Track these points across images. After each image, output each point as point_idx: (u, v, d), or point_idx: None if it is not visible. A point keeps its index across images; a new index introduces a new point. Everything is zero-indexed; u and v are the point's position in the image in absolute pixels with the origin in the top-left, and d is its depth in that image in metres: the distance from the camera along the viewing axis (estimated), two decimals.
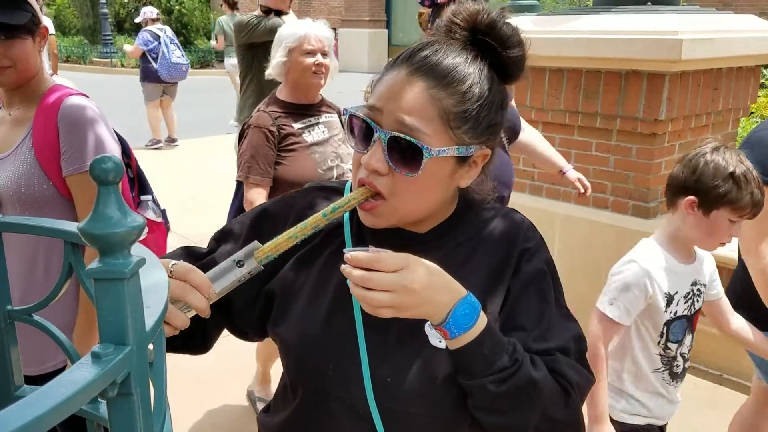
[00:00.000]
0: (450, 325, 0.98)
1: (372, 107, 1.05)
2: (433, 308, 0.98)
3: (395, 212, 1.08)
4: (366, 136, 1.05)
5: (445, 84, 1.03)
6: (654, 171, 3.57)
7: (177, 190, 7.27)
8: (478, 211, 1.21)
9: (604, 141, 3.71)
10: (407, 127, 1.02)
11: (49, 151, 1.83)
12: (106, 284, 0.57)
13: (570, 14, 3.87)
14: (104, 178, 0.56)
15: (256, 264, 0.97)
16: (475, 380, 1.01)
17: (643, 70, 3.42)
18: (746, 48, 3.62)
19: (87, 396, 0.53)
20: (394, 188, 1.05)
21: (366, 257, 0.94)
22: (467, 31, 1.09)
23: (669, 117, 3.45)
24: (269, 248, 0.97)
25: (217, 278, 0.97)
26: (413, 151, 1.02)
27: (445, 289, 0.99)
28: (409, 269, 0.95)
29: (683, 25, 3.30)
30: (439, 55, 1.05)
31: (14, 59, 1.80)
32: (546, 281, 1.17)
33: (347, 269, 0.95)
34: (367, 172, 1.05)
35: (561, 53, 3.67)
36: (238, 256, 0.97)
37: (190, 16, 22.42)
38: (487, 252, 1.16)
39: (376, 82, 1.10)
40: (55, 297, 0.93)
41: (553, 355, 1.09)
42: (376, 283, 0.93)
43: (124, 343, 0.58)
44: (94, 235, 0.56)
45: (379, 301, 0.94)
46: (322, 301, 1.13)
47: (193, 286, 0.95)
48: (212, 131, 10.90)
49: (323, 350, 1.10)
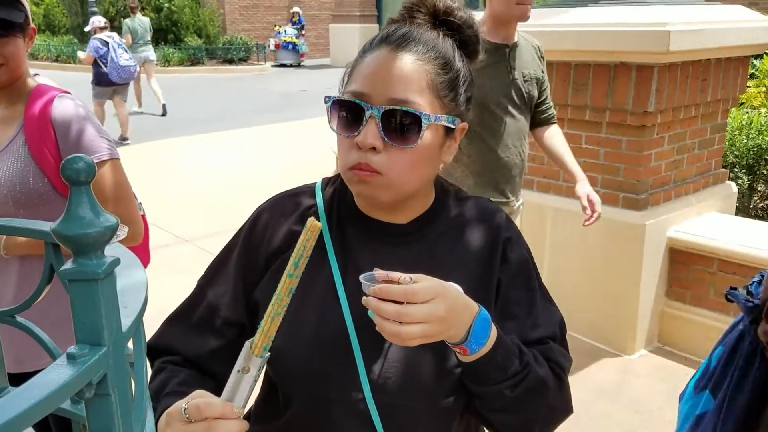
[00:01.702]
0: (471, 343, 0.99)
1: (355, 92, 1.05)
2: (457, 330, 0.98)
3: (390, 187, 1.06)
4: (354, 118, 1.04)
5: (429, 56, 1.06)
6: (644, 163, 3.57)
7: (166, 188, 7.25)
8: (454, 199, 1.22)
9: (593, 133, 3.72)
10: (401, 100, 1.03)
11: (43, 148, 1.83)
12: (80, 285, 0.56)
13: (558, 7, 3.87)
14: (76, 178, 0.55)
15: (259, 360, 0.88)
16: (490, 387, 1.03)
17: (631, 62, 3.42)
18: (735, 38, 3.62)
19: (61, 397, 0.52)
20: (390, 164, 1.04)
21: (401, 291, 0.91)
22: (428, 15, 1.13)
23: (658, 109, 3.45)
24: (260, 339, 0.88)
25: (233, 395, 0.89)
26: (410, 122, 1.03)
27: (464, 309, 0.99)
28: (439, 297, 0.94)
29: (671, 17, 3.31)
30: (416, 32, 1.08)
31: (8, 57, 1.81)
32: (530, 269, 1.21)
33: (374, 303, 0.91)
34: (361, 153, 1.04)
35: (550, 46, 3.66)
36: (239, 365, 0.89)
37: (179, 13, 22.32)
38: (471, 241, 1.17)
39: (352, 71, 1.10)
40: (37, 298, 0.92)
41: (546, 343, 1.15)
42: (411, 318, 0.91)
43: (99, 344, 0.57)
44: (66, 236, 0.55)
45: (413, 335, 0.92)
46: (309, 304, 1.11)
47: (217, 418, 0.86)
48: (202, 128, 10.87)
49: (316, 354, 1.08)
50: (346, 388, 1.07)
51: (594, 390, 3.35)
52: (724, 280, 3.56)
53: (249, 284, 1.17)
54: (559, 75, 3.73)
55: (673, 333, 3.77)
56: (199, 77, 19.54)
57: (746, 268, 3.46)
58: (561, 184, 3.91)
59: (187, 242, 5.66)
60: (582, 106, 3.68)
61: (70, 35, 23.82)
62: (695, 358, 3.65)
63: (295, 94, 15.22)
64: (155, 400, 1.04)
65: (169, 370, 1.13)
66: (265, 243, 1.17)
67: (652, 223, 3.56)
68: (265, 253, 1.16)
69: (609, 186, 3.70)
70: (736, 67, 3.92)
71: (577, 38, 3.53)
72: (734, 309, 3.51)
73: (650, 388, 3.38)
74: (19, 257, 1.87)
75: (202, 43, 22.29)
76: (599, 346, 3.77)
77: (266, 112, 12.64)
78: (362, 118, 1.03)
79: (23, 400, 0.50)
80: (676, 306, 3.76)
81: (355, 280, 1.07)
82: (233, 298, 1.17)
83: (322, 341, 1.08)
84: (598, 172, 3.73)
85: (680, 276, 3.74)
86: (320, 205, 1.18)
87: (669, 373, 3.51)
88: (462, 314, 0.98)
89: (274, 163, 8.36)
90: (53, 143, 1.84)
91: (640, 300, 3.62)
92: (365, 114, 1.03)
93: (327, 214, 1.17)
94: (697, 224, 3.79)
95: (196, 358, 1.16)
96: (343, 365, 1.07)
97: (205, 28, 22.73)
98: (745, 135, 4.56)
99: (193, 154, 9.10)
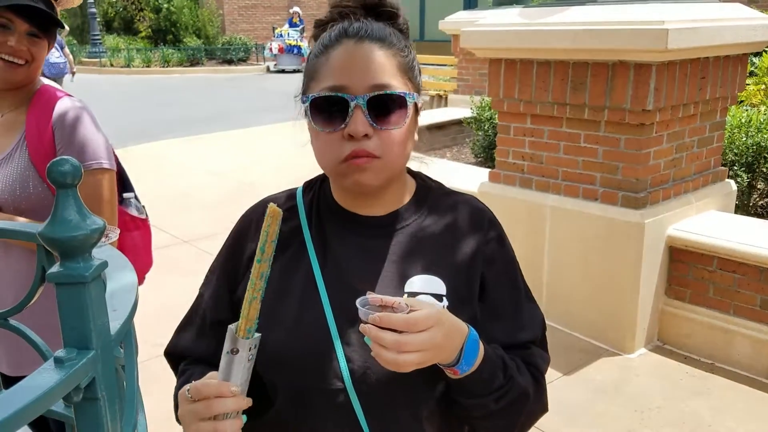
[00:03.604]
0: (462, 365, 1.01)
1: (333, 87, 1.06)
2: (449, 354, 1.00)
3: (386, 168, 1.09)
4: (337, 112, 1.06)
5: (390, 42, 1.10)
6: (642, 161, 3.57)
7: (165, 188, 7.24)
8: (436, 194, 1.24)
9: (592, 132, 3.71)
10: (382, 85, 1.06)
11: (44, 153, 1.83)
12: (68, 288, 0.56)
13: (556, 6, 3.86)
14: (62, 181, 0.55)
15: (246, 341, 0.94)
16: (475, 400, 1.06)
17: (630, 60, 3.41)
18: (733, 36, 3.62)
19: (48, 402, 0.52)
20: (382, 146, 1.07)
21: (402, 321, 0.93)
22: (360, 8, 1.15)
23: (657, 107, 3.44)
24: (243, 323, 0.94)
25: (227, 376, 0.95)
26: (395, 104, 1.07)
27: (456, 333, 1.01)
28: (437, 325, 0.95)
29: (669, 15, 3.30)
30: (367, 24, 1.11)
31: (35, 57, 1.84)
32: (515, 268, 1.23)
33: (374, 332, 0.92)
34: (352, 143, 1.06)
35: (548, 45, 3.67)
36: (227, 348, 0.95)
37: (178, 14, 22.34)
38: (454, 235, 1.19)
39: (315, 71, 1.12)
40: (30, 301, 0.92)
41: (529, 348, 1.18)
42: (411, 347, 0.93)
43: (87, 348, 0.57)
44: (53, 239, 0.55)
45: (410, 363, 0.94)
46: (289, 297, 1.13)
47: (215, 397, 0.94)
48: (201, 129, 10.86)
49: (297, 345, 1.10)
50: (327, 377, 1.08)
51: (593, 389, 3.35)
52: (723, 279, 3.56)
53: (233, 286, 1.21)
54: (558, 74, 3.73)
55: (672, 331, 3.76)
56: (198, 77, 19.54)
57: (746, 266, 3.46)
58: (559, 183, 3.90)
59: (186, 243, 5.66)
60: (580, 105, 3.67)
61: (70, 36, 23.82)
62: (695, 357, 3.64)
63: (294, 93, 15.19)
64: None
65: (191, 370, 1.21)
66: (246, 246, 1.20)
67: (651, 221, 3.56)
68: (246, 255, 1.20)
69: (608, 185, 3.69)
70: (734, 64, 3.91)
71: (575, 37, 3.52)
72: (734, 307, 3.52)
73: (650, 386, 3.37)
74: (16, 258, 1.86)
75: (201, 43, 22.31)
76: (599, 344, 3.77)
77: (265, 113, 12.63)
78: (347, 109, 1.05)
79: (10, 405, 0.49)
80: (675, 304, 3.75)
81: (334, 273, 1.12)
82: (221, 301, 1.22)
83: (301, 330, 1.10)
84: (597, 170, 3.72)
85: (680, 274, 3.73)
86: (300, 202, 1.22)
87: (669, 372, 3.51)
88: (454, 339, 1.00)
89: (274, 164, 8.36)
90: (53, 147, 1.84)
91: (639, 298, 3.61)
92: (350, 105, 1.05)
93: (307, 212, 1.20)
94: (696, 222, 3.78)
95: (207, 358, 1.22)
96: (323, 355, 1.09)
97: (204, 29, 22.75)
98: (745, 133, 4.55)
99: (192, 154, 9.10)
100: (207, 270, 1.29)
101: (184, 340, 1.26)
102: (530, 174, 4.06)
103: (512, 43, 3.85)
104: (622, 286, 3.65)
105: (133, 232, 2.14)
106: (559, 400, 3.19)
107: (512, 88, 3.97)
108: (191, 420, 0.96)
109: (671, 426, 3.06)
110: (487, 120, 6.26)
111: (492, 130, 6.05)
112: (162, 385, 3.20)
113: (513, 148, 4.14)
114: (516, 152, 4.12)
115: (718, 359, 3.58)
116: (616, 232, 3.63)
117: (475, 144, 6.70)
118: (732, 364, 3.53)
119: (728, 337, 3.55)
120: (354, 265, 1.14)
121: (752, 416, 3.12)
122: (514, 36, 3.83)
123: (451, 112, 7.73)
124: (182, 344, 1.26)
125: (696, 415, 3.12)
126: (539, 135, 3.97)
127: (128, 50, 21.24)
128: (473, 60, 8.26)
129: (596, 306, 3.77)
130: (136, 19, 23.76)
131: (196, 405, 0.95)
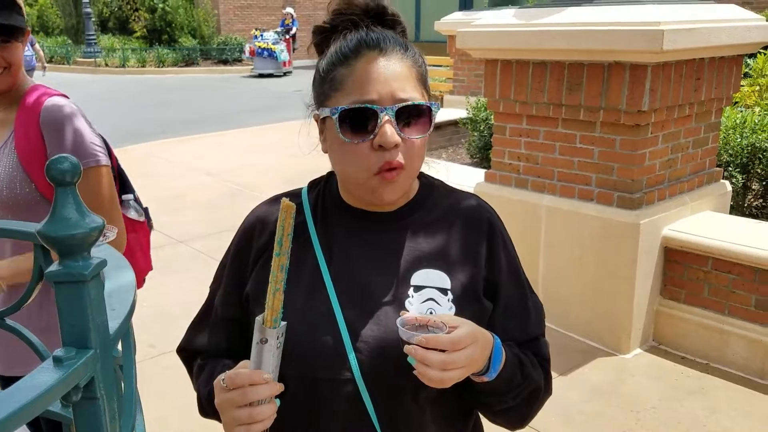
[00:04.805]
0: (490, 373, 1.08)
1: (362, 99, 1.08)
2: (481, 365, 1.06)
3: (408, 178, 1.14)
4: (365, 124, 1.08)
5: (407, 52, 1.14)
6: (638, 162, 3.57)
7: (160, 189, 7.23)
8: (440, 191, 1.27)
9: (588, 133, 3.72)
10: (408, 98, 1.09)
11: (32, 153, 1.81)
12: (67, 287, 0.56)
13: (552, 7, 3.87)
14: (61, 179, 0.55)
15: (274, 330, 1.00)
16: (496, 398, 1.14)
17: (625, 61, 3.42)
18: (728, 37, 3.63)
19: (47, 401, 0.52)
20: (408, 156, 1.11)
21: (448, 341, 0.98)
22: (363, 15, 1.16)
23: (652, 108, 3.45)
24: (269, 313, 0.99)
25: (258, 364, 1.01)
26: (421, 114, 1.11)
27: (487, 345, 1.07)
28: (476, 342, 1.02)
29: (664, 16, 3.30)
30: (383, 33, 1.14)
31: (10, 62, 1.81)
32: (517, 264, 1.27)
33: (421, 353, 0.97)
34: (382, 153, 1.08)
35: (544, 46, 3.67)
36: (256, 338, 1.00)
37: (174, 14, 22.29)
38: (460, 233, 1.22)
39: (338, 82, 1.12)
40: (27, 300, 0.91)
41: (537, 340, 1.26)
42: (456, 365, 0.99)
43: (86, 347, 0.57)
44: (51, 237, 0.55)
45: (454, 379, 1.00)
46: (296, 289, 1.15)
47: (250, 385, 0.99)
48: (196, 129, 10.84)
49: (306, 337, 1.12)
50: (335, 367, 1.11)
51: (589, 389, 3.35)
52: (718, 279, 3.57)
53: (242, 282, 1.23)
54: (553, 75, 3.73)
55: (668, 332, 3.77)
56: (194, 78, 19.51)
57: (741, 266, 3.47)
58: (555, 183, 3.91)
59: (181, 243, 5.65)
60: (576, 106, 3.68)
61: (65, 36, 23.77)
62: (690, 357, 3.65)
63: (289, 95, 15.20)
64: (206, 388, 1.19)
65: (212, 364, 1.25)
66: (254, 243, 1.23)
67: (646, 222, 3.57)
68: (254, 251, 1.23)
69: (603, 185, 3.70)
70: (729, 66, 3.93)
71: (570, 38, 3.53)
72: (729, 307, 3.53)
73: (645, 387, 3.38)
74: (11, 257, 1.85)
75: (197, 43, 22.26)
76: (594, 345, 3.77)
77: (261, 113, 12.63)
78: (376, 121, 1.07)
79: (8, 405, 0.49)
80: (670, 305, 3.76)
81: (340, 266, 1.16)
82: (231, 298, 1.25)
83: (309, 323, 1.12)
84: (593, 171, 3.73)
85: (675, 275, 3.74)
86: (305, 199, 1.25)
87: (664, 372, 3.52)
88: (486, 351, 1.06)
89: (269, 164, 8.35)
90: (41, 148, 1.82)
91: (634, 299, 3.62)
92: (379, 116, 1.07)
93: (312, 209, 1.23)
94: (691, 223, 3.79)
95: (221, 353, 1.27)
96: (331, 346, 1.11)
97: (199, 29, 22.70)
98: (739, 134, 4.56)
99: (187, 154, 9.08)
100: (204, 270, 1.31)
101: (198, 338, 1.31)
102: (526, 174, 4.06)
103: (508, 44, 3.86)
104: (617, 286, 3.65)
105: (130, 234, 2.12)
106: (555, 401, 3.18)
107: (508, 89, 3.98)
108: (228, 407, 1.01)
109: (667, 426, 3.07)
110: (482, 121, 6.27)
111: (488, 130, 6.06)
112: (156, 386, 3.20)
113: (509, 149, 4.14)
114: (512, 153, 4.12)
115: (713, 359, 3.59)
116: (611, 233, 3.64)
117: (471, 145, 6.70)
118: (727, 364, 3.54)
119: (723, 338, 3.56)
120: (359, 259, 1.17)
121: (747, 416, 3.13)
122: (509, 37, 3.83)
123: (446, 113, 7.74)
124: (197, 341, 1.31)
125: (691, 415, 3.13)
126: (535, 136, 3.98)
127: (123, 50, 21.18)
128: (469, 61, 8.27)
129: (592, 306, 3.78)
130: (131, 19, 23.71)
131: (231, 393, 1.00)
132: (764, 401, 3.25)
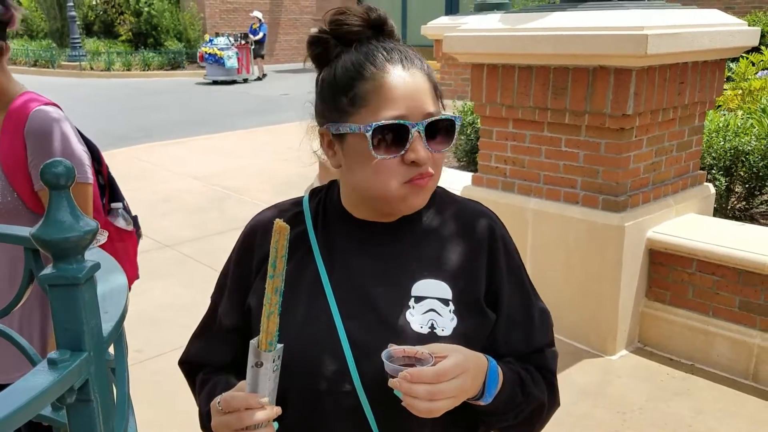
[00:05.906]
0: (486, 397, 1.07)
1: (395, 115, 1.08)
2: (475, 391, 1.06)
3: (435, 184, 1.16)
4: (397, 139, 1.08)
5: (422, 64, 1.14)
6: (623, 165, 3.61)
7: (146, 193, 7.20)
8: (441, 199, 1.26)
9: (573, 137, 3.75)
10: (433, 112, 1.11)
11: (15, 163, 1.79)
12: (61, 290, 0.56)
13: (537, 11, 3.90)
14: (56, 182, 0.55)
15: (269, 354, 0.98)
16: (496, 417, 1.14)
17: (610, 65, 3.45)
18: (711, 42, 3.67)
19: (43, 403, 0.52)
20: (435, 166, 1.12)
21: (433, 374, 0.97)
22: (364, 26, 1.15)
23: (636, 111, 3.48)
24: (264, 336, 0.98)
25: (254, 387, 0.99)
26: (447, 128, 1.13)
27: (480, 372, 1.06)
28: (466, 372, 1.01)
29: (649, 21, 3.34)
30: (399, 46, 1.14)
31: None
32: (522, 272, 1.26)
33: (406, 386, 0.97)
34: (413, 167, 1.09)
35: (529, 50, 3.70)
36: (251, 362, 0.99)
37: (159, 17, 22.21)
38: (462, 242, 1.20)
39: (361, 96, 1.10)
40: (17, 304, 0.92)
41: (542, 351, 1.24)
42: (443, 395, 0.98)
43: (80, 350, 0.57)
44: (46, 240, 0.55)
45: (443, 409, 0.99)
46: (296, 302, 1.14)
47: (245, 409, 0.98)
48: (182, 132, 10.81)
49: (306, 349, 1.11)
50: (336, 380, 1.10)
51: (576, 391, 3.38)
52: (702, 281, 3.60)
53: (243, 292, 1.22)
54: (539, 79, 3.76)
55: (653, 333, 3.81)
56: (180, 81, 19.43)
57: (724, 268, 3.51)
58: (541, 186, 3.93)
59: (167, 247, 5.63)
60: (561, 110, 3.70)
61: (49, 40, 23.60)
62: (676, 358, 3.68)
63: (276, 98, 15.18)
64: (206, 407, 1.16)
65: (214, 380, 1.24)
66: (255, 252, 1.22)
67: (631, 224, 3.60)
68: (255, 261, 1.22)
69: (588, 188, 3.73)
70: (712, 70, 3.97)
71: (555, 42, 3.55)
72: (714, 309, 3.56)
73: (632, 388, 3.41)
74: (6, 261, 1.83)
75: (183, 47, 22.18)
76: (580, 347, 3.80)
77: (248, 116, 12.60)
78: (407, 137, 1.08)
79: (3, 407, 0.50)
80: (656, 306, 3.79)
81: (341, 277, 1.14)
82: (233, 308, 1.24)
83: (309, 333, 1.12)
84: (578, 174, 3.76)
85: (660, 277, 3.78)
86: (306, 208, 1.23)
87: (650, 374, 3.55)
88: (478, 378, 1.06)
89: (256, 167, 8.34)
90: (23, 155, 1.79)
91: (620, 301, 3.65)
92: (411, 132, 1.08)
93: (313, 218, 1.22)
94: (675, 225, 3.83)
95: (225, 365, 1.26)
96: (331, 358, 1.10)
97: (185, 32, 22.63)
98: (722, 137, 4.61)
99: (173, 158, 9.05)
100: (191, 274, 1.30)
101: (201, 350, 1.29)
102: (512, 178, 4.09)
103: (494, 49, 3.88)
104: (603, 288, 3.68)
105: (116, 243, 2.11)
106: None
107: (494, 93, 4.00)
108: (224, 431, 1.01)
109: (653, 427, 3.09)
110: (469, 124, 6.29)
111: (474, 134, 6.08)
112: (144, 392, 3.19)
113: (495, 152, 4.16)
114: (498, 156, 4.15)
115: (698, 360, 3.62)
116: (596, 235, 3.67)
117: (458, 148, 6.72)
118: (712, 365, 3.57)
119: (708, 339, 3.60)
120: (360, 269, 1.16)
121: (732, 416, 3.16)
122: (495, 41, 3.86)
123: None
124: (199, 354, 1.29)
125: (677, 416, 3.16)
126: (521, 139, 4.00)
127: (108, 54, 21.07)
128: (455, 65, 8.30)
129: (578, 308, 3.80)
130: (116, 22, 23.58)
131: (227, 417, 0.99)
132: (749, 401, 3.29)
